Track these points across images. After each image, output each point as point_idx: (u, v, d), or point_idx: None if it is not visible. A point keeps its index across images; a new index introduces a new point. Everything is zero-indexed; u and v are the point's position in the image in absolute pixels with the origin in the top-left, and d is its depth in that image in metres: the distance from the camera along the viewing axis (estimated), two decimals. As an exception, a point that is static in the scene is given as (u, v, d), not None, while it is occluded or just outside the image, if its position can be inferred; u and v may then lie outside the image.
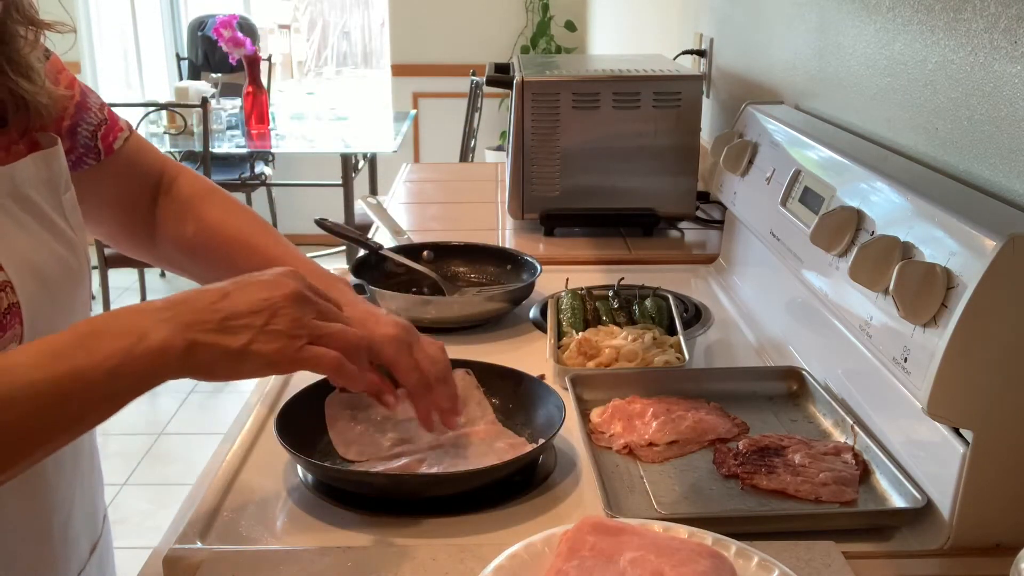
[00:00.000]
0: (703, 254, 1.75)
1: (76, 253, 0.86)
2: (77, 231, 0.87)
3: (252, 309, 0.73)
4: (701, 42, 2.24)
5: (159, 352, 0.69)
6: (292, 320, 0.75)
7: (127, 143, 1.01)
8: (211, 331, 0.71)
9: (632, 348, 1.20)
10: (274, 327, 0.74)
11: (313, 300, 0.78)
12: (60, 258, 0.83)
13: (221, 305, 0.73)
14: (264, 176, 4.46)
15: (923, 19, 1.11)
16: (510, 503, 0.92)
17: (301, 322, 0.75)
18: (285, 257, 1.02)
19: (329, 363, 0.77)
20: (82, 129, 0.96)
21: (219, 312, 0.72)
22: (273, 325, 0.74)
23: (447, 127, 5.31)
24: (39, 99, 0.84)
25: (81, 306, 0.88)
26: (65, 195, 0.86)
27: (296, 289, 0.77)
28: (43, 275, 0.80)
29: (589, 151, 1.81)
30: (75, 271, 0.86)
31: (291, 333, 0.74)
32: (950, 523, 0.84)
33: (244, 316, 0.73)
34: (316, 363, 0.76)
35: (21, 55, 0.83)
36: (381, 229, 1.81)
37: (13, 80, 0.82)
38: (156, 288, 4.94)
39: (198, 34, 5.55)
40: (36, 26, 0.84)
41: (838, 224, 1.03)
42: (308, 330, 0.76)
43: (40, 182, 0.83)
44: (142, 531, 2.85)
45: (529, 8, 5.34)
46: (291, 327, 0.75)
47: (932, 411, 0.81)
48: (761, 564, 0.75)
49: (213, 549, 0.84)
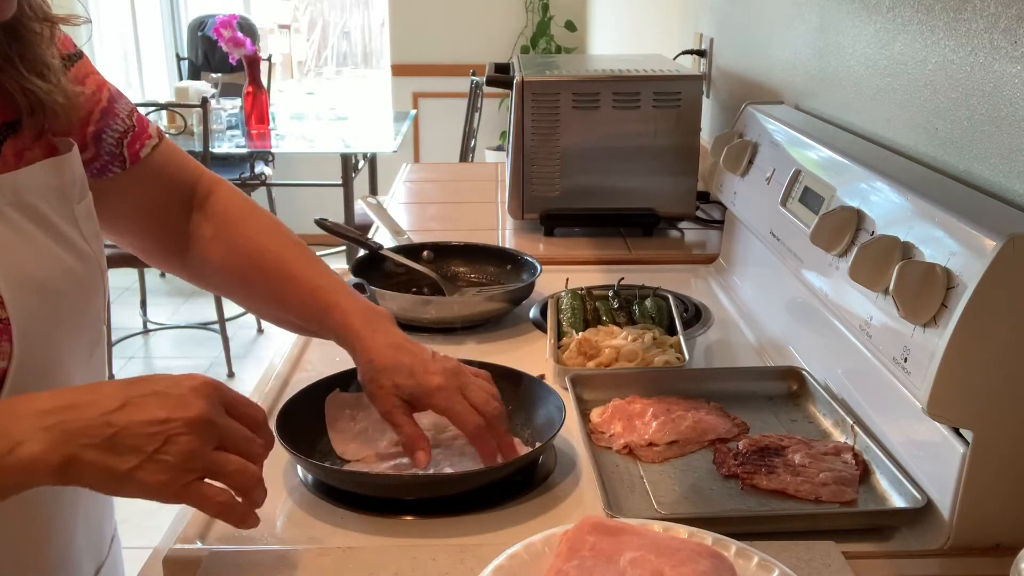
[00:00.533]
0: (703, 254, 1.75)
1: (88, 264, 0.82)
2: (91, 241, 0.83)
3: (146, 430, 0.66)
4: (701, 42, 2.24)
5: (29, 465, 0.63)
6: (186, 452, 0.67)
7: (155, 151, 0.96)
8: (96, 447, 0.64)
9: (632, 348, 1.20)
10: (164, 456, 0.66)
11: (218, 426, 0.70)
12: (67, 269, 0.80)
13: (114, 418, 0.66)
14: (264, 176, 4.46)
15: (923, 19, 1.11)
16: (510, 503, 0.92)
17: (196, 454, 0.68)
18: (327, 288, 0.98)
19: (213, 507, 0.70)
20: (107, 135, 0.91)
21: (110, 426, 0.65)
22: (164, 454, 0.66)
23: (447, 127, 5.31)
24: (55, 98, 0.80)
25: (93, 320, 0.84)
26: (79, 204, 0.83)
27: (199, 414, 0.68)
28: (45, 288, 0.76)
29: (589, 151, 1.81)
30: (86, 283, 0.82)
31: (182, 466, 0.67)
32: (950, 523, 0.84)
33: (136, 436, 0.66)
34: (200, 504, 0.70)
35: (35, 52, 0.79)
36: (381, 229, 1.81)
37: (27, 78, 0.78)
38: (156, 288, 4.94)
39: (198, 34, 5.55)
40: (50, 21, 0.81)
41: (838, 224, 1.03)
42: (202, 464, 0.69)
43: (49, 190, 0.79)
44: (142, 531, 2.85)
45: (529, 8, 5.34)
46: (183, 460, 0.67)
47: (932, 411, 0.81)
48: (761, 564, 0.75)
49: (213, 549, 0.84)
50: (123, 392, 0.68)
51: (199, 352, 4.34)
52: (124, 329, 4.42)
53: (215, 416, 0.70)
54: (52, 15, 0.81)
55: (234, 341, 4.27)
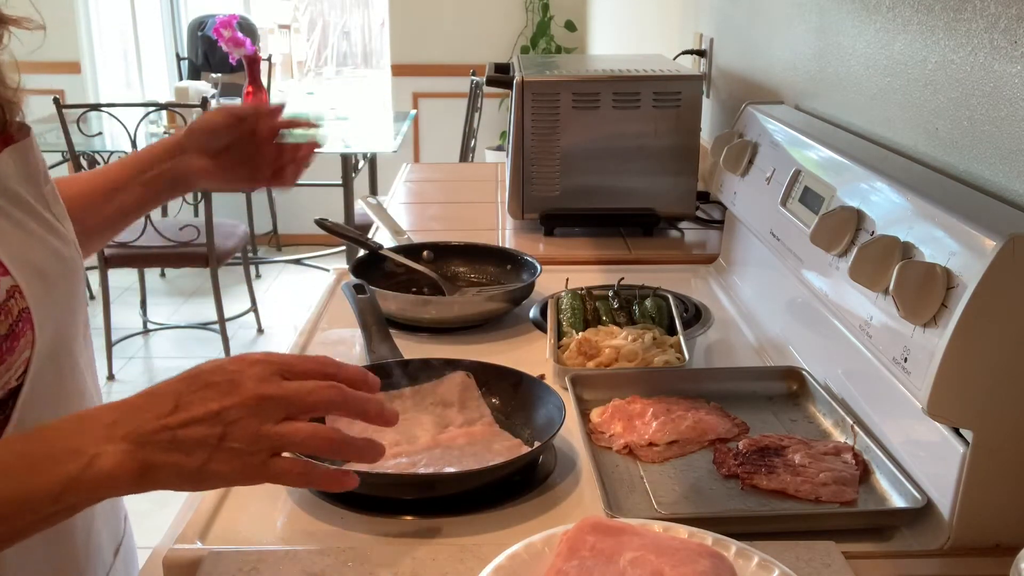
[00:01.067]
0: (703, 254, 1.75)
1: (68, 245, 0.85)
2: (64, 222, 0.86)
3: (203, 425, 0.65)
4: (701, 42, 2.24)
5: (108, 477, 0.63)
6: (249, 434, 0.66)
7: None
8: (164, 450, 0.65)
9: (632, 348, 1.20)
10: (230, 444, 0.66)
11: (273, 398, 0.67)
12: (55, 252, 0.82)
13: (170, 420, 0.65)
14: (264, 176, 4.45)
15: (923, 19, 1.11)
16: (510, 503, 0.92)
17: (260, 434, 0.66)
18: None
19: (296, 479, 0.70)
20: None
21: (168, 429, 0.65)
22: (228, 441, 0.66)
23: (447, 127, 5.31)
24: (7, 95, 0.82)
25: (81, 300, 0.87)
26: (46, 187, 0.85)
27: (250, 394, 0.67)
28: (44, 273, 0.79)
29: (589, 151, 1.81)
30: (71, 264, 0.84)
31: (250, 449, 0.66)
32: (950, 523, 0.84)
33: (196, 432, 0.65)
34: (281, 480, 0.69)
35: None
36: (381, 229, 1.81)
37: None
38: (156, 288, 4.95)
39: (198, 34, 5.55)
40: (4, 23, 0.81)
41: (838, 224, 1.03)
42: (269, 442, 0.67)
43: (21, 177, 0.81)
44: (142, 531, 2.85)
45: (529, 8, 5.34)
46: (248, 442, 0.66)
47: (932, 411, 0.81)
48: (761, 564, 0.75)
49: (213, 549, 0.84)
50: (175, 392, 0.67)
51: (199, 352, 4.34)
52: (124, 329, 4.41)
53: (268, 390, 0.67)
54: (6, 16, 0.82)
55: (234, 341, 4.27)
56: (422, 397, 1.08)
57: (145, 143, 3.93)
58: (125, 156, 1.09)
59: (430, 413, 1.06)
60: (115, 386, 3.99)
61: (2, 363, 0.73)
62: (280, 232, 5.61)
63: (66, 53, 5.18)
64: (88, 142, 3.98)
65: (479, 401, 1.08)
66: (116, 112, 3.80)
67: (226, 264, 4.06)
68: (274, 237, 5.61)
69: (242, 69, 4.38)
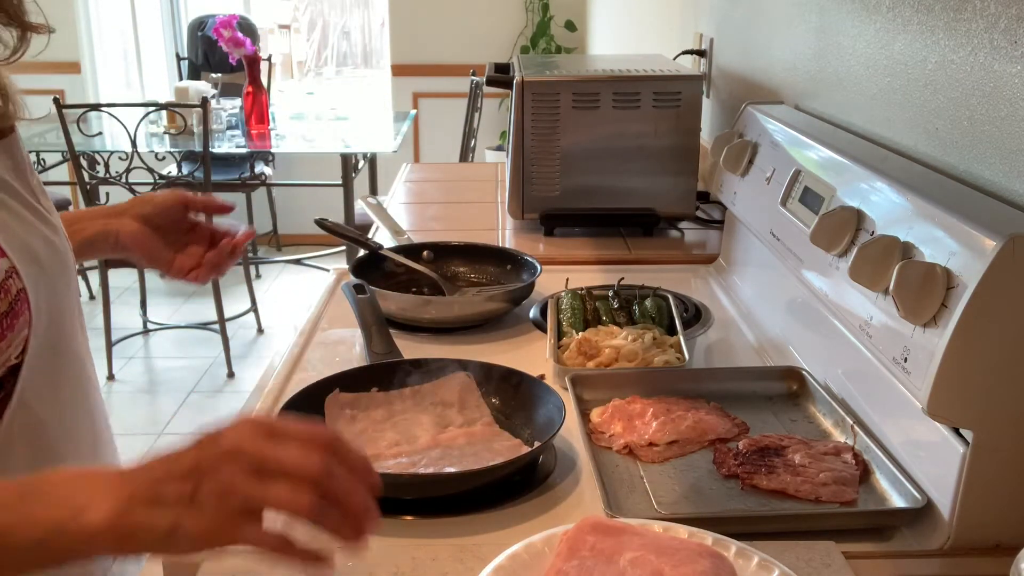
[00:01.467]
0: (703, 254, 1.75)
1: (59, 235, 0.88)
2: (52, 215, 0.89)
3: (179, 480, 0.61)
4: (701, 42, 2.24)
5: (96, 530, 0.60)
6: (219, 490, 0.60)
7: None
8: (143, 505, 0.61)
9: (632, 348, 1.20)
10: (200, 499, 0.60)
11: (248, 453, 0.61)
12: (48, 240, 0.85)
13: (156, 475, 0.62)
14: (264, 176, 4.46)
15: (923, 19, 1.11)
16: (510, 503, 0.92)
17: (230, 489, 0.60)
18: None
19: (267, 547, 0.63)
20: None
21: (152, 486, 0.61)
22: (199, 497, 0.60)
23: (447, 127, 5.31)
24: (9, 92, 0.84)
25: (73, 290, 0.90)
26: (33, 180, 0.88)
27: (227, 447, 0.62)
28: (38, 258, 0.82)
29: (589, 151, 1.81)
30: (63, 253, 0.87)
31: (219, 505, 0.60)
32: (950, 523, 0.84)
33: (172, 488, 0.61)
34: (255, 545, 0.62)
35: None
36: (381, 229, 1.81)
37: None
38: (156, 288, 4.94)
39: (198, 34, 5.55)
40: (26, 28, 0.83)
41: (838, 224, 1.03)
42: (240, 498, 0.61)
43: (9, 169, 0.84)
44: (142, 531, 2.85)
45: (529, 8, 5.34)
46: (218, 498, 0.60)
47: (932, 411, 0.81)
48: (761, 564, 0.75)
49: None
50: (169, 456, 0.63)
51: (199, 352, 4.34)
52: (124, 329, 4.41)
53: (247, 444, 0.62)
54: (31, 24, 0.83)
55: (234, 341, 4.27)
56: (422, 397, 1.09)
57: (145, 143, 3.94)
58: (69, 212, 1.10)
59: (430, 413, 1.06)
60: (115, 386, 3.99)
61: (3, 339, 0.76)
62: (280, 232, 5.61)
63: (66, 53, 5.18)
64: (88, 142, 3.98)
65: (479, 401, 1.08)
66: (116, 112, 3.80)
67: (226, 264, 4.05)
68: (274, 237, 5.61)
69: (242, 69, 4.38)
